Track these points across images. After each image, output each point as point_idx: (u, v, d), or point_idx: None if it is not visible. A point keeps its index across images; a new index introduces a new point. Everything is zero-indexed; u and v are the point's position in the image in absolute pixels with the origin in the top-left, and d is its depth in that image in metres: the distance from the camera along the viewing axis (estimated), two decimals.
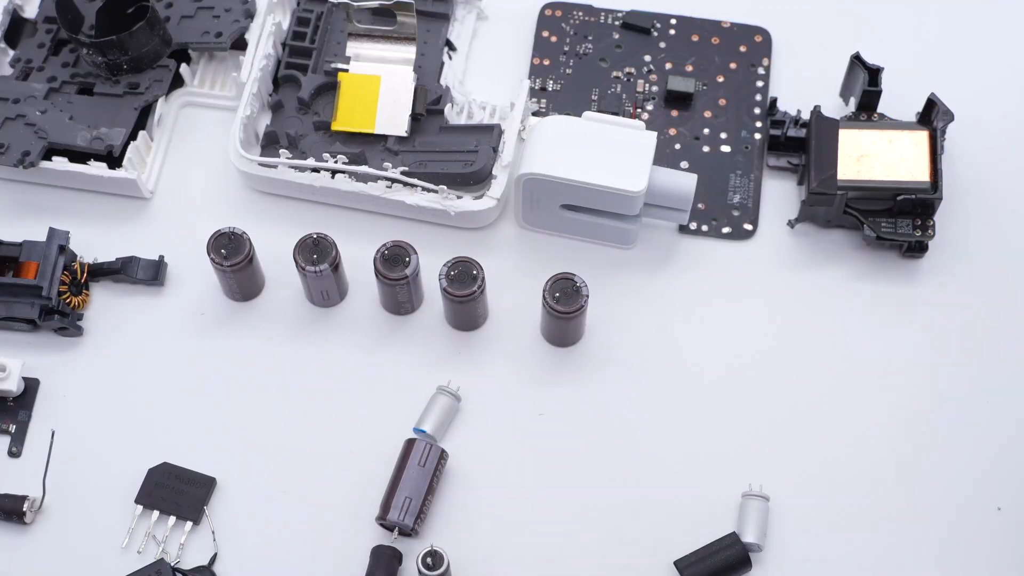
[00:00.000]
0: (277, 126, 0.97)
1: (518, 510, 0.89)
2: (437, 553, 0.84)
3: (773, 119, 0.96)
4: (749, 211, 0.97)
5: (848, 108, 0.98)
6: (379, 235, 0.93)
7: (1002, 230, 0.96)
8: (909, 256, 0.94)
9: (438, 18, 1.02)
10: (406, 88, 0.97)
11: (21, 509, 0.87)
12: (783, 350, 0.93)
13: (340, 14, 1.01)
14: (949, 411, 0.91)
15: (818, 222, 0.96)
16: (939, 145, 0.93)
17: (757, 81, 1.01)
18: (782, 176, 0.98)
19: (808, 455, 0.90)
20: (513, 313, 0.94)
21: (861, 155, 0.93)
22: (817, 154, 0.93)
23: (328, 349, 0.93)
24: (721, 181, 0.97)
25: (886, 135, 0.94)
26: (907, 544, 0.87)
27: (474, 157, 0.94)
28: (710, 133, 0.99)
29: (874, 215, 0.93)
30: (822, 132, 0.94)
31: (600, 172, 0.90)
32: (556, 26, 1.03)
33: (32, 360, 0.93)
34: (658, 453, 0.90)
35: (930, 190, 0.92)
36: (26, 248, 0.93)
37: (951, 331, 0.93)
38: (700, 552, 0.86)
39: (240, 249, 0.91)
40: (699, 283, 0.95)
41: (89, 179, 0.96)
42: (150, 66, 0.99)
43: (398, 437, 0.90)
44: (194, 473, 0.89)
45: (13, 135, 0.95)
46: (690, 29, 1.02)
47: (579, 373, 0.92)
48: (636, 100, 1.00)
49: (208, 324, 0.94)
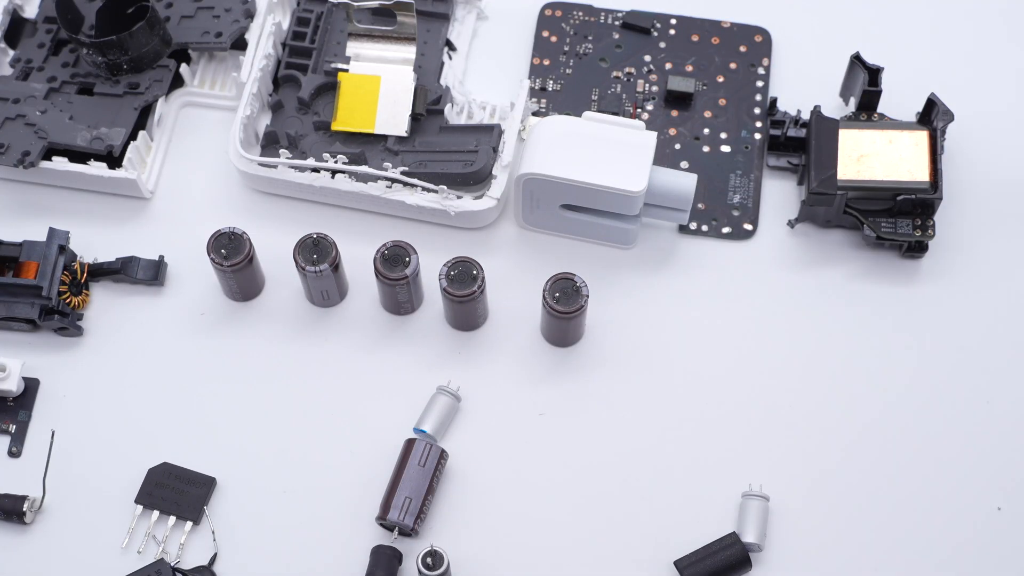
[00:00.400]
0: (277, 126, 0.97)
1: (518, 510, 0.89)
2: (437, 553, 0.84)
3: (773, 119, 0.96)
4: (749, 211, 0.97)
5: (848, 108, 0.98)
6: (379, 235, 0.93)
7: (1002, 230, 0.96)
8: (909, 256, 0.94)
9: (438, 18, 1.02)
10: (406, 88, 0.97)
11: (21, 509, 0.87)
12: (783, 350, 0.93)
13: (340, 14, 1.01)
14: (949, 411, 0.91)
15: (818, 222, 0.96)
16: (939, 145, 0.93)
17: (757, 81, 1.01)
18: (782, 176, 0.98)
19: (808, 455, 0.90)
20: (513, 313, 0.94)
21: (861, 155, 0.93)
22: (817, 154, 0.93)
23: (328, 349, 0.93)
24: (721, 181, 0.97)
25: (886, 135, 0.94)
26: (907, 544, 0.87)
27: (474, 157, 0.94)
28: (710, 133, 0.99)
29: (874, 215, 0.93)
30: (822, 132, 0.94)
31: (600, 172, 0.90)
32: (556, 26, 1.03)
33: (32, 360, 0.93)
34: (658, 453, 0.90)
35: (930, 190, 0.92)
36: (26, 248, 0.93)
37: (951, 331, 0.93)
38: (700, 552, 0.86)
39: (240, 249, 0.91)
40: (699, 283, 0.95)
41: (89, 179, 0.96)
42: (150, 66, 0.99)
43: (398, 437, 0.90)
44: (194, 473, 0.89)
45: (13, 135, 0.95)
46: (690, 29, 1.02)
47: (579, 373, 0.92)
48: (636, 100, 1.00)
49: (208, 324, 0.94)
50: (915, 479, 0.89)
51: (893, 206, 0.93)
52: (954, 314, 0.94)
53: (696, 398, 0.92)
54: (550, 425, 0.91)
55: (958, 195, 0.97)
